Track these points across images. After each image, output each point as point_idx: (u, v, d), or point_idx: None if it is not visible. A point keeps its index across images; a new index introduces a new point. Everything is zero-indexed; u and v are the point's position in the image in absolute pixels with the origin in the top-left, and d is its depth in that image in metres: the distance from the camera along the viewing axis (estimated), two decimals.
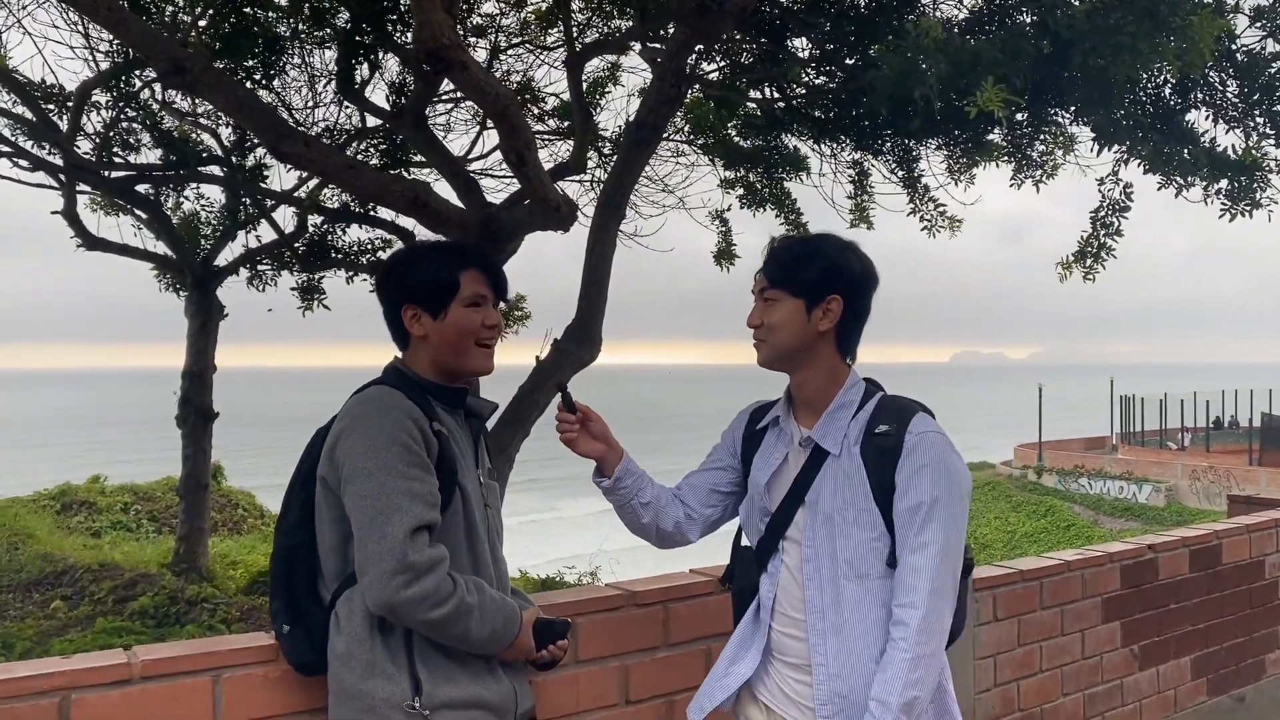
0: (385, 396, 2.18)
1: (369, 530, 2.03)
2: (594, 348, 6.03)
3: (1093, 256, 7.48)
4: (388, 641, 2.13)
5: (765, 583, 2.42)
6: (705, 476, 2.61)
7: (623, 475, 2.49)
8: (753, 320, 2.39)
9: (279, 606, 2.26)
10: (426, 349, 2.28)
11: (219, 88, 4.77)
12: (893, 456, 2.24)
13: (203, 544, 9.26)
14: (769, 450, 2.46)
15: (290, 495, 2.29)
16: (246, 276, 9.29)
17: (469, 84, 4.39)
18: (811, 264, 2.32)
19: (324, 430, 2.29)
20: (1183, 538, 4.80)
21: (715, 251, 9.24)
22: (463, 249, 2.38)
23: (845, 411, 2.34)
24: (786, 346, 2.34)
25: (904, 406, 2.33)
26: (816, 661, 2.28)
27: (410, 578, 2.02)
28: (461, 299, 2.26)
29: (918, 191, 8.42)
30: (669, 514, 2.54)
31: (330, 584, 2.21)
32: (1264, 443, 37.32)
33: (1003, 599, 3.98)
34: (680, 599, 3.03)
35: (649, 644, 2.97)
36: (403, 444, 2.09)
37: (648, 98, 5.95)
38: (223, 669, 2.34)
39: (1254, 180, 6.45)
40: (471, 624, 2.12)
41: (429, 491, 2.11)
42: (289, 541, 2.26)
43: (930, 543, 2.17)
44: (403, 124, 7.37)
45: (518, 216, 5.83)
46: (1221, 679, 4.97)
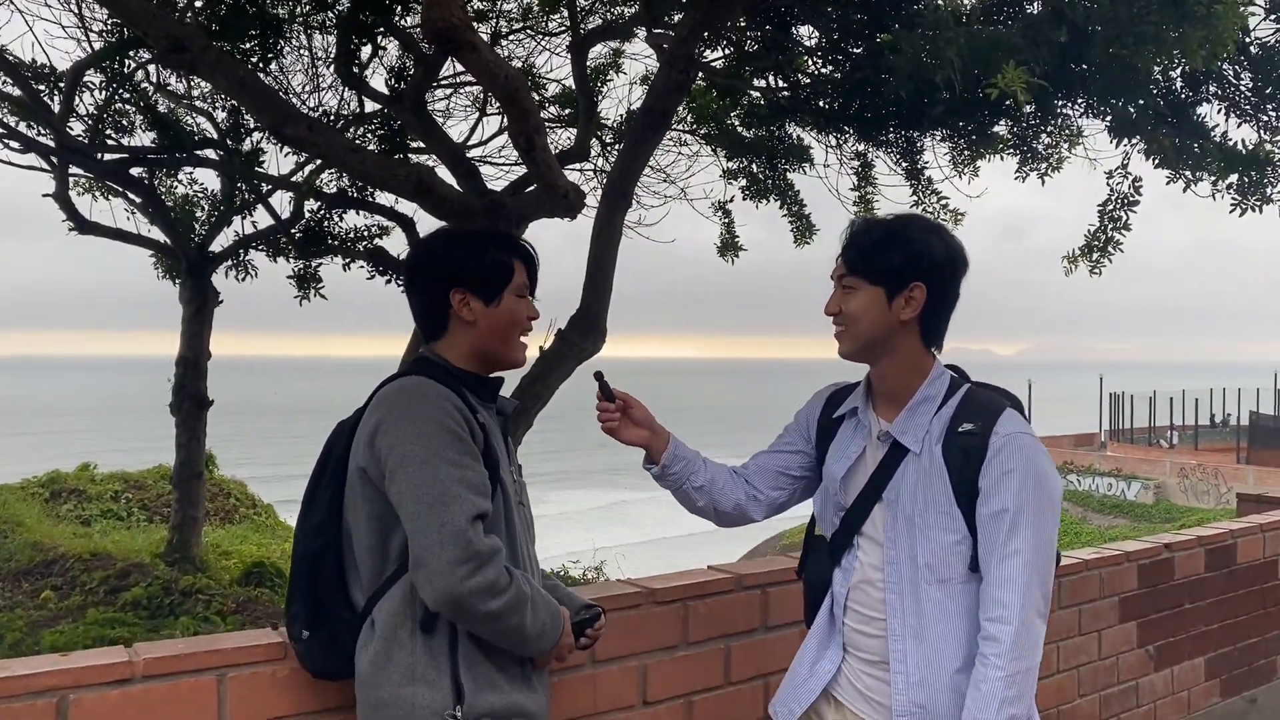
0: (424, 384, 2.09)
1: (427, 519, 1.94)
2: (599, 338, 5.93)
3: (1099, 250, 7.40)
4: (430, 644, 2.03)
5: (839, 578, 2.32)
6: (776, 459, 2.51)
7: (670, 461, 2.41)
8: (830, 308, 2.28)
9: (299, 611, 2.15)
10: (469, 336, 2.20)
11: (219, 67, 4.64)
12: (977, 458, 2.13)
13: (196, 533, 9.13)
14: (845, 441, 2.36)
15: (313, 494, 2.18)
16: (228, 266, 9.14)
17: (478, 65, 4.28)
18: (893, 249, 2.19)
19: (347, 424, 2.19)
20: (1199, 537, 4.72)
21: (719, 244, 9.14)
22: (508, 236, 2.33)
23: (928, 406, 2.22)
24: (867, 336, 2.22)
25: (991, 402, 2.21)
26: (896, 669, 2.19)
27: (474, 566, 1.93)
28: (514, 287, 2.21)
29: (921, 184, 8.34)
30: (728, 495, 2.45)
31: (368, 587, 2.09)
32: (1252, 441, 37.44)
33: None
34: (700, 596, 2.94)
35: (668, 643, 2.88)
36: (452, 431, 2.01)
37: (655, 84, 5.85)
38: (228, 668, 2.24)
39: (1265, 175, 6.38)
40: (527, 615, 2.03)
41: (482, 481, 2.03)
42: (314, 544, 2.14)
43: (1019, 552, 2.07)
44: (402, 109, 7.25)
45: (524, 203, 5.72)
46: (1234, 680, 4.91)
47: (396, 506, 1.99)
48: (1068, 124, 7.43)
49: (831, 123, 7.84)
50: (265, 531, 12.83)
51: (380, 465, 2.01)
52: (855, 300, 2.20)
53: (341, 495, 2.13)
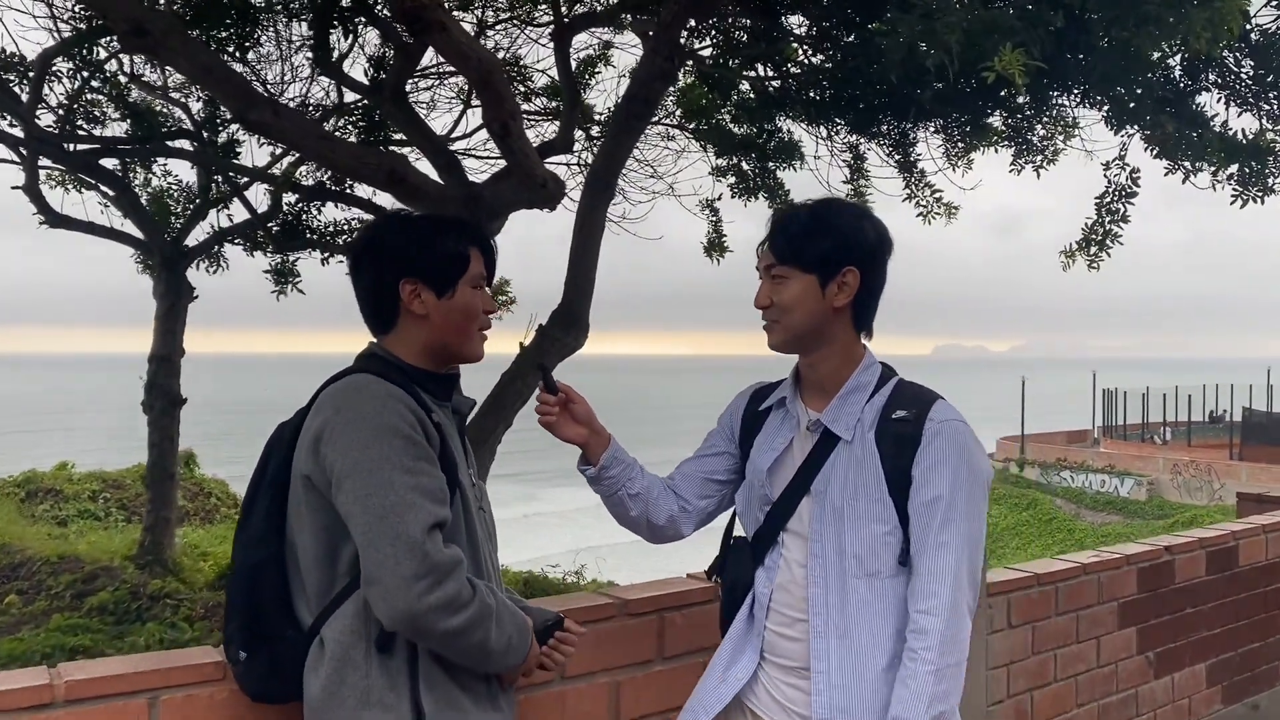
0: (372, 384, 1.91)
1: (379, 531, 1.76)
2: (580, 334, 5.75)
3: (1097, 244, 7.25)
4: (387, 665, 1.84)
5: (761, 578, 2.19)
6: (700, 464, 2.37)
7: (609, 463, 2.26)
8: (761, 300, 2.16)
9: (235, 631, 1.95)
10: (422, 331, 2.02)
11: (183, 52, 4.45)
12: (911, 445, 2.05)
13: (169, 535, 8.92)
14: (772, 433, 2.24)
15: (251, 503, 1.99)
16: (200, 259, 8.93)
17: (450, 48, 4.09)
18: (823, 235, 2.09)
19: (289, 425, 2.01)
20: (1200, 539, 4.57)
21: (706, 243, 8.97)
22: (464, 223, 2.14)
23: (860, 394, 2.13)
24: (801, 327, 2.12)
25: (923, 393, 2.13)
26: (816, 668, 2.06)
27: (433, 581, 1.75)
28: (469, 278, 2.04)
29: (914, 177, 8.18)
30: (661, 507, 2.30)
31: (315, 603, 1.90)
32: (1245, 437, 37.42)
33: (1017, 604, 3.73)
34: (677, 607, 2.76)
35: (643, 657, 2.70)
36: (404, 435, 1.83)
37: (639, 71, 5.67)
38: (160, 690, 2.06)
39: (1266, 164, 6.23)
40: (492, 629, 1.85)
41: (439, 487, 1.85)
42: (252, 557, 1.95)
43: (950, 542, 1.99)
44: (381, 99, 7.06)
45: (502, 194, 5.53)
46: (1236, 686, 4.75)
47: (345, 518, 1.81)
48: (1063, 114, 7.29)
49: (822, 114, 7.68)
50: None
51: (326, 473, 1.83)
52: (787, 290, 2.11)
53: (282, 504, 1.94)
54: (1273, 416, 39.37)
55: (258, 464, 2.04)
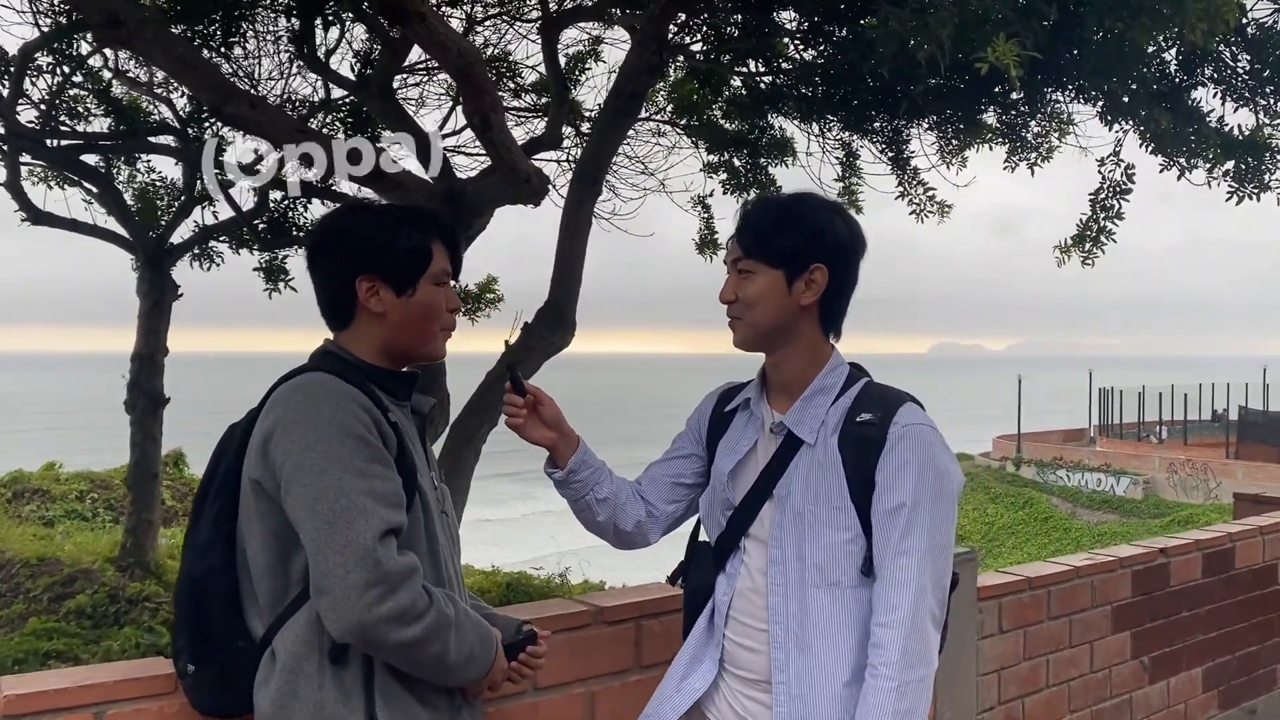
0: (325, 382, 1.81)
1: (328, 538, 1.66)
2: (567, 332, 5.65)
3: (1092, 240, 7.17)
4: (341, 677, 1.75)
5: (722, 584, 2.12)
6: (667, 467, 2.29)
7: (577, 467, 2.17)
8: (726, 295, 2.07)
9: (183, 644, 1.85)
10: (380, 329, 1.91)
11: (158, 44, 4.35)
12: (874, 449, 1.95)
13: (151, 537, 8.80)
14: (736, 435, 2.16)
15: (200, 509, 1.89)
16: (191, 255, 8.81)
17: (429, 38, 3.99)
18: (791, 229, 2.01)
19: (240, 426, 1.90)
20: (1196, 540, 4.48)
21: (697, 240, 8.88)
22: (428, 214, 2.01)
23: (825, 396, 2.04)
24: (766, 324, 2.03)
25: (891, 394, 2.04)
26: (777, 679, 1.99)
27: (385, 590, 1.65)
28: (431, 274, 1.92)
29: (907, 174, 8.10)
30: (629, 513, 2.22)
31: (266, 613, 1.81)
32: (1240, 436, 37.40)
33: (1008, 609, 3.64)
34: (654, 614, 2.66)
35: (619, 667, 2.61)
36: (357, 435, 1.73)
37: (627, 64, 5.57)
38: (107, 704, 1.97)
39: (1263, 161, 6.16)
40: (450, 641, 1.75)
41: (393, 490, 1.74)
42: (199, 566, 1.84)
43: (912, 550, 1.89)
44: (368, 95, 6.97)
45: (485, 189, 5.44)
46: (1233, 690, 4.67)
47: (295, 524, 1.72)
48: (1057, 110, 7.21)
49: (814, 111, 7.60)
50: None
51: (275, 476, 1.74)
52: (753, 285, 2.02)
53: (233, 509, 1.84)
54: (1269, 415, 39.34)
55: (207, 467, 1.94)
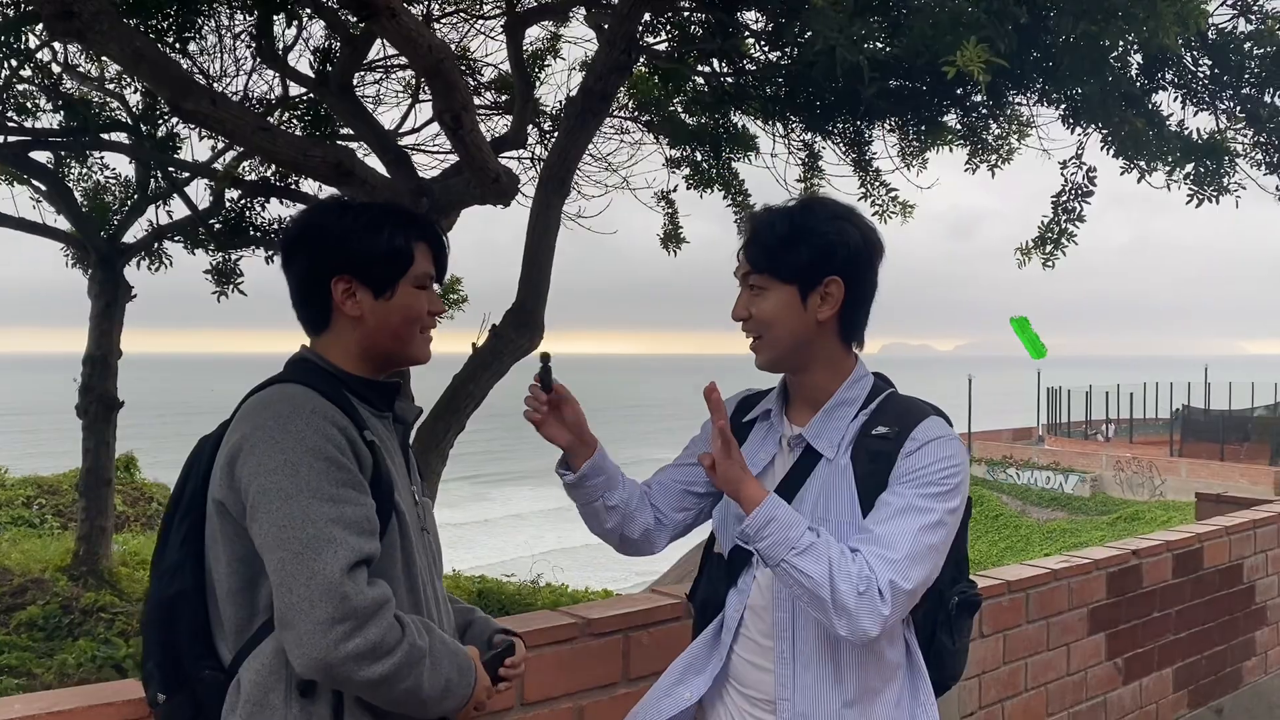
0: (298, 397, 1.71)
1: (293, 570, 1.57)
2: (535, 334, 5.57)
3: (1053, 242, 7.23)
4: (309, 711, 1.66)
5: (733, 600, 2.05)
6: (678, 473, 2.21)
7: (590, 473, 2.09)
8: (738, 312, 2.00)
9: (153, 669, 1.75)
10: (358, 333, 1.82)
11: (113, 36, 4.20)
12: (886, 464, 1.87)
13: (105, 545, 8.55)
14: (754, 448, 2.08)
15: (168, 530, 1.79)
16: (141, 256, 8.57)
17: (399, 35, 3.90)
18: (802, 242, 1.92)
19: (208, 440, 1.80)
20: (1166, 541, 4.51)
21: (661, 235, 8.83)
22: (412, 215, 1.90)
23: (847, 409, 1.97)
24: (786, 344, 1.96)
25: (914, 407, 1.96)
26: (780, 696, 1.93)
27: (353, 626, 1.56)
28: (412, 277, 1.83)
29: (869, 175, 8.12)
30: (637, 520, 2.14)
31: (233, 640, 1.71)
32: (1184, 434, 38.10)
33: (989, 613, 3.63)
34: (642, 626, 2.61)
35: (607, 680, 2.54)
36: (328, 457, 1.64)
37: (595, 64, 5.50)
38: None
39: (1222, 164, 6.23)
40: (424, 675, 1.65)
41: (365, 517, 1.65)
42: (167, 590, 1.74)
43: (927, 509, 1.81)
44: (327, 92, 6.83)
45: (453, 189, 5.34)
46: (1201, 690, 4.71)
47: (260, 551, 1.63)
48: (1018, 114, 7.26)
49: (777, 111, 7.59)
50: None
51: (240, 498, 1.64)
52: (766, 302, 1.95)
53: (201, 529, 1.74)
54: (1210, 414, 40.12)
55: (176, 483, 1.84)
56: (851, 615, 1.73)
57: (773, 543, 1.76)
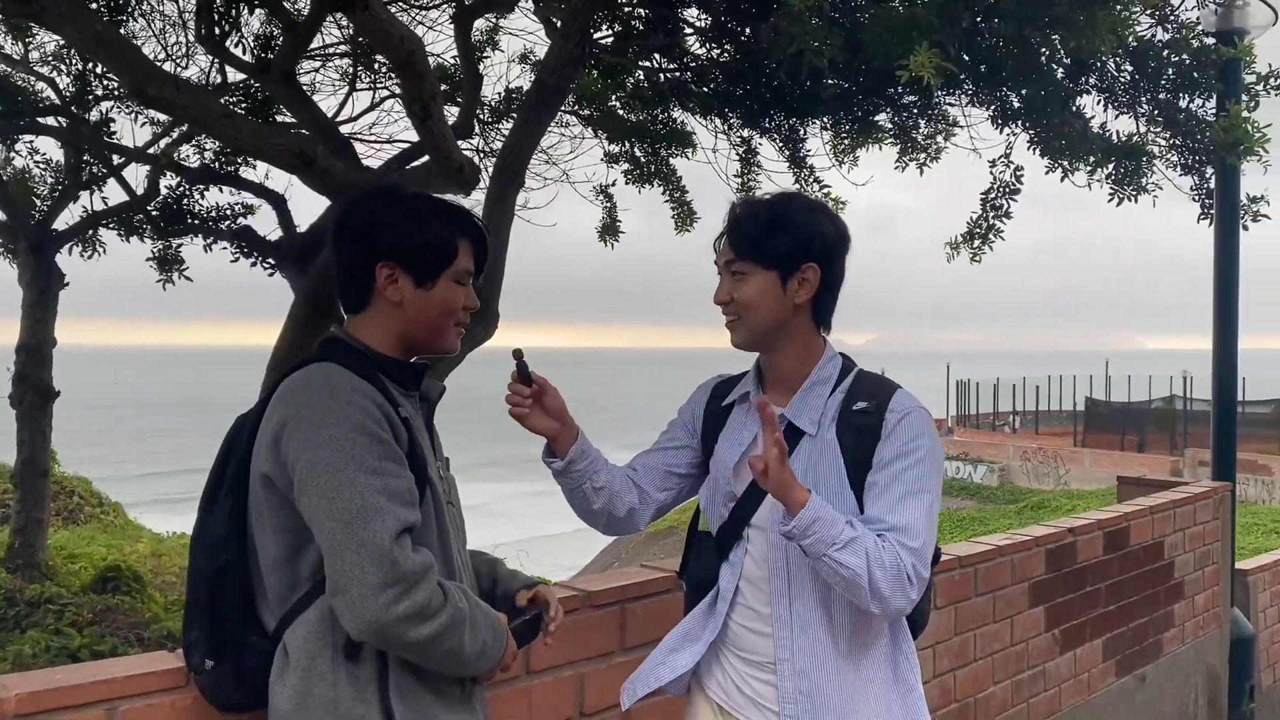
0: (337, 376, 1.80)
1: (344, 539, 1.67)
2: (490, 324, 5.64)
3: (980, 238, 7.52)
4: (355, 674, 1.75)
5: (726, 573, 2.21)
6: (660, 456, 2.36)
7: (576, 457, 2.22)
8: (721, 296, 2.17)
9: (199, 637, 1.84)
10: (395, 319, 1.90)
11: (72, 19, 4.16)
12: (872, 436, 2.07)
13: (41, 537, 8.36)
14: (737, 429, 2.25)
15: (211, 503, 1.87)
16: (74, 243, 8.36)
17: (371, 26, 3.95)
18: (783, 231, 2.11)
19: (248, 419, 1.89)
20: (1098, 520, 4.79)
21: (600, 227, 8.93)
22: (460, 210, 1.99)
23: (822, 388, 2.16)
24: (764, 325, 2.13)
25: (882, 383, 2.17)
26: (780, 657, 2.10)
27: (402, 590, 1.66)
28: (453, 271, 1.91)
29: (804, 171, 8.34)
30: (623, 500, 2.28)
31: (276, 608, 1.81)
32: (1088, 426, 39.44)
33: (942, 587, 3.83)
34: (638, 598, 2.74)
35: (606, 649, 2.67)
36: (370, 432, 1.73)
37: (549, 58, 5.59)
38: (119, 700, 1.92)
39: (1140, 165, 6.57)
40: (465, 636, 1.76)
41: (407, 488, 1.75)
42: (213, 563, 1.83)
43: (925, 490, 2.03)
44: (269, 79, 6.79)
45: (413, 178, 5.38)
46: (1127, 659, 5.00)
47: (309, 521, 1.72)
48: (945, 114, 7.52)
49: (715, 106, 7.75)
50: (115, 532, 11.93)
51: (287, 473, 1.73)
52: (748, 287, 2.12)
53: (244, 504, 1.84)
54: (1111, 406, 41.58)
55: (216, 460, 1.92)
56: (885, 600, 1.93)
57: (816, 540, 1.92)
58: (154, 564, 10.23)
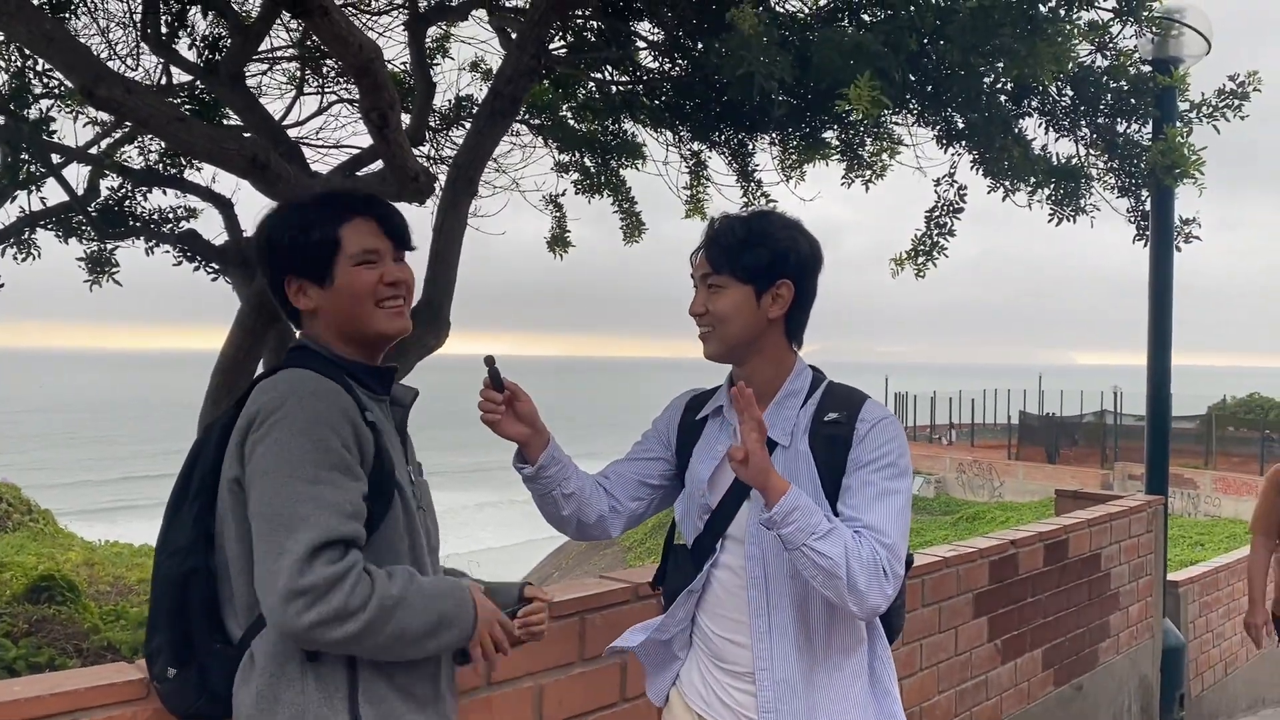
0: (300, 379, 1.80)
1: (265, 545, 1.68)
2: (441, 331, 5.62)
3: (925, 254, 7.66)
4: (322, 678, 1.74)
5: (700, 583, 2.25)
6: (634, 466, 2.39)
7: (547, 463, 2.23)
8: (696, 308, 2.22)
9: (162, 644, 1.82)
10: (321, 323, 1.92)
11: (21, 17, 4.08)
12: (843, 446, 2.14)
13: None
14: (711, 442, 2.29)
15: (177, 508, 1.86)
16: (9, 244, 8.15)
17: (330, 32, 3.93)
18: (760, 246, 2.17)
19: (217, 424, 1.88)
20: (1038, 533, 4.90)
21: (549, 238, 8.94)
22: (343, 197, 1.97)
23: (794, 400, 2.21)
24: (737, 337, 2.19)
25: (853, 394, 2.23)
26: (759, 667, 2.14)
27: (310, 600, 1.64)
28: (348, 257, 1.88)
29: (751, 185, 8.44)
30: (593, 506, 2.30)
31: (243, 616, 1.80)
32: (1021, 439, 40.19)
33: None
34: (597, 609, 2.75)
35: (565, 660, 2.68)
36: (318, 439, 1.72)
37: (504, 68, 5.60)
38: (80, 712, 1.92)
39: (1079, 187, 6.77)
40: (403, 619, 1.72)
41: (347, 500, 1.72)
42: (179, 568, 1.82)
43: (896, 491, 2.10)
44: (217, 81, 6.71)
45: (366, 185, 5.35)
46: (1065, 669, 5.13)
47: (250, 521, 1.73)
48: (891, 133, 7.67)
49: (665, 119, 7.82)
50: (45, 540, 11.62)
51: (248, 474, 1.75)
52: (724, 299, 2.17)
53: (212, 509, 1.83)
54: (1043, 419, 42.41)
55: (183, 467, 1.91)
56: (862, 594, 1.97)
57: (796, 529, 1.96)
58: (88, 573, 9.99)
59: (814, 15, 6.43)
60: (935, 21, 5.01)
